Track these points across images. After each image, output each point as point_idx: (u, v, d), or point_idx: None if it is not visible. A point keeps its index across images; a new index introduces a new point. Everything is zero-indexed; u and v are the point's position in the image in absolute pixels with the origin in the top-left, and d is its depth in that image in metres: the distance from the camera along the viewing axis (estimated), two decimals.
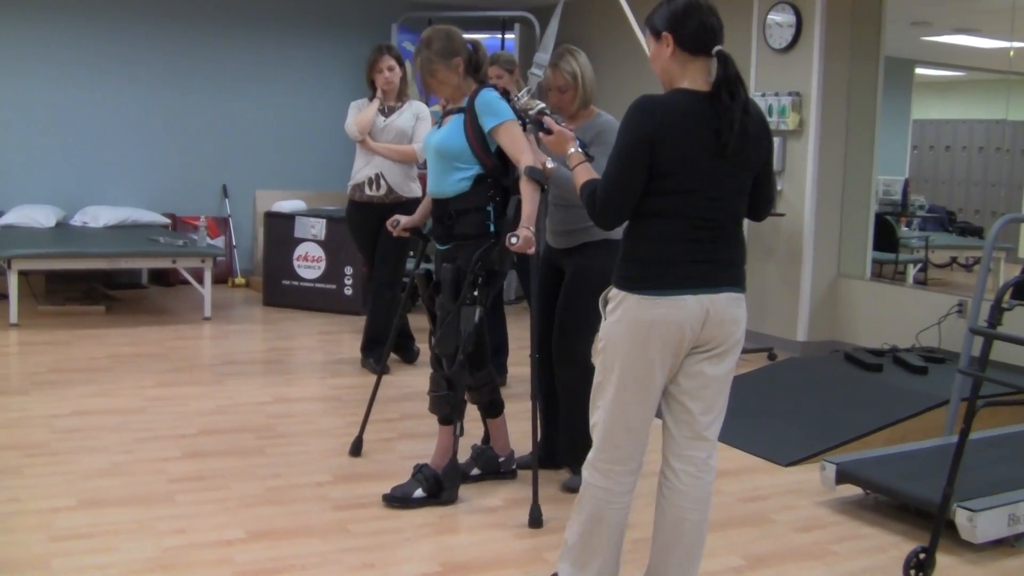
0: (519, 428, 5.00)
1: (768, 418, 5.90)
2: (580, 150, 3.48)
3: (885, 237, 8.57)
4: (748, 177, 3.20)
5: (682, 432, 3.27)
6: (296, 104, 10.90)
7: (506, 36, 10.41)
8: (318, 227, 8.95)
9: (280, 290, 9.16)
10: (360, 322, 8.36)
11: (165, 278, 10.11)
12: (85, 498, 4.41)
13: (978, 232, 9.26)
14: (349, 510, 4.38)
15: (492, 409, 4.79)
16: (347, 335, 8.09)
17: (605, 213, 3.18)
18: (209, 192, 10.62)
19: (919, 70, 9.74)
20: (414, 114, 6.69)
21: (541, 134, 3.69)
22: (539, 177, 4.35)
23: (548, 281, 4.88)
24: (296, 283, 9.07)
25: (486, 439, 4.92)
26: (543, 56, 4.56)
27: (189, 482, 4.67)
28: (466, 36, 4.67)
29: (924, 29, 8.85)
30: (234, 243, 10.55)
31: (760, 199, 3.32)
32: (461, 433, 4.59)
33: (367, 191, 6.70)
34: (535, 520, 4.29)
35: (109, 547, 3.92)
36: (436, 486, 4.52)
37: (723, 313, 3.14)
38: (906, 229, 9.42)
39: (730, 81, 3.08)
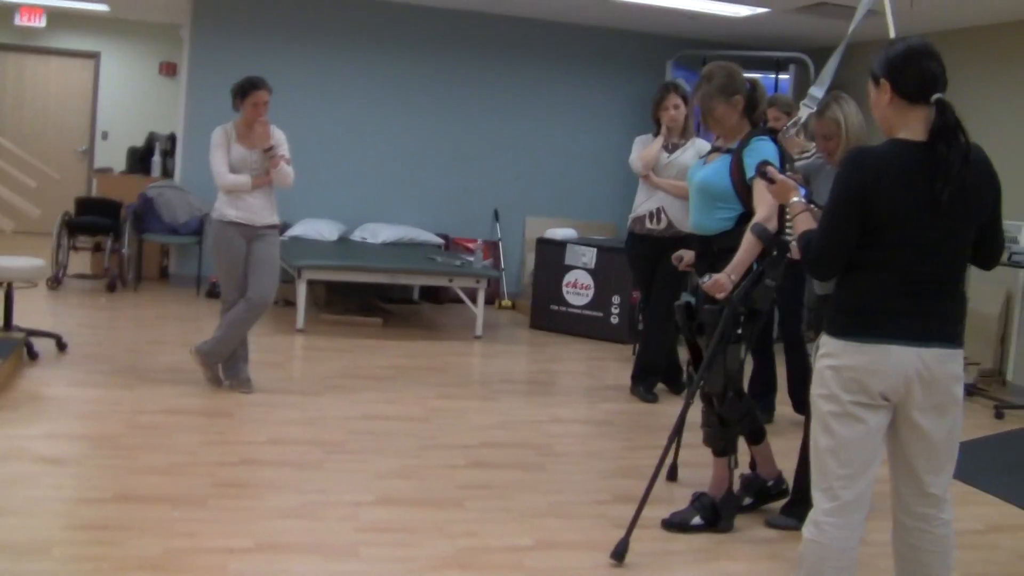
0: (786, 467, 5.01)
1: None
2: (803, 199, 3.46)
3: None
4: (968, 229, 3.12)
5: (908, 489, 3.23)
6: (569, 136, 11.21)
7: (780, 76, 10.42)
8: (588, 255, 9.17)
9: (547, 314, 9.41)
10: (625, 350, 8.57)
11: (435, 295, 10.54)
12: (382, 496, 4.71)
13: None
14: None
15: (755, 436, 4.86)
16: (612, 362, 8.26)
17: (818, 264, 3.18)
18: (481, 216, 11.03)
19: None
20: (697, 151, 6.80)
21: (765, 183, 3.72)
22: (762, 236, 4.37)
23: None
24: (564, 308, 9.30)
25: (753, 465, 4.97)
26: (818, 91, 4.59)
27: (476, 489, 4.92)
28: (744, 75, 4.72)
29: None
30: (502, 266, 10.90)
31: (986, 249, 3.24)
32: (735, 465, 4.69)
33: (648, 224, 6.85)
34: (618, 554, 4.16)
35: (408, 543, 4.19)
36: (713, 515, 4.62)
37: (935, 368, 3.07)
38: None
39: (947, 130, 3.01)
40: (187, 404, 6.00)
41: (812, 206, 3.49)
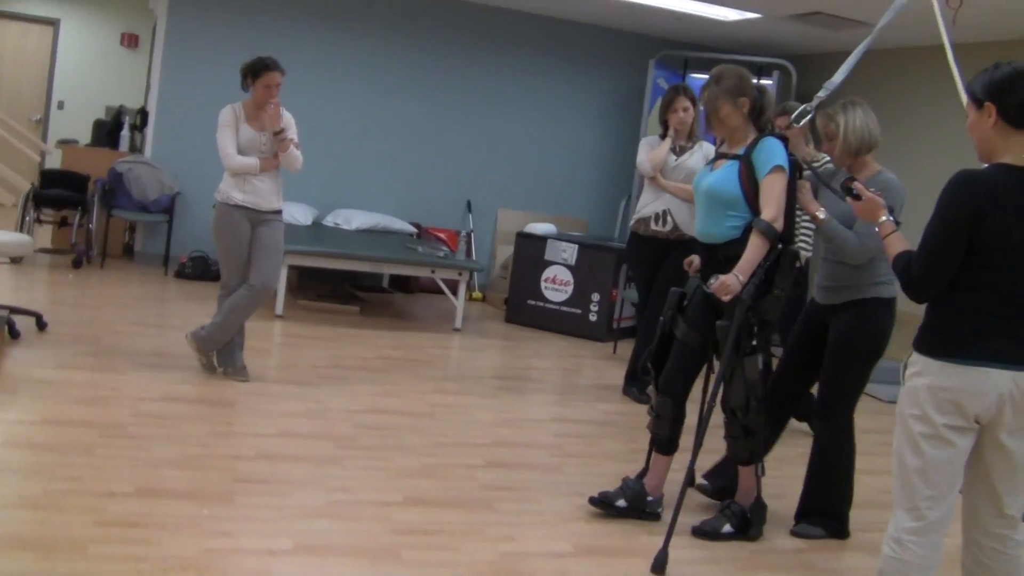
0: (786, 473, 5.00)
1: None
2: (891, 218, 3.43)
3: None
4: None
5: (986, 510, 3.24)
6: (545, 130, 11.14)
7: (762, 82, 10.42)
8: (569, 252, 9.11)
9: (524, 309, 9.35)
10: (604, 348, 8.57)
11: (405, 284, 10.42)
12: (410, 496, 4.61)
13: None
14: (664, 536, 4.39)
15: (669, 447, 4.79)
16: (594, 360, 8.23)
17: (921, 286, 3.16)
18: (454, 206, 10.92)
19: None
20: (704, 155, 6.76)
21: (850, 199, 3.64)
22: (768, 233, 4.36)
23: (807, 334, 4.88)
24: (541, 304, 9.24)
25: (643, 473, 4.86)
26: (834, 82, 4.59)
27: (501, 491, 4.84)
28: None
29: None
30: (474, 257, 10.80)
31: None
32: (763, 473, 4.67)
33: (652, 226, 6.80)
34: (659, 565, 4.12)
35: (449, 546, 4.10)
36: (743, 523, 4.60)
37: None
38: None
39: None
40: (186, 392, 5.84)
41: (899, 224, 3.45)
